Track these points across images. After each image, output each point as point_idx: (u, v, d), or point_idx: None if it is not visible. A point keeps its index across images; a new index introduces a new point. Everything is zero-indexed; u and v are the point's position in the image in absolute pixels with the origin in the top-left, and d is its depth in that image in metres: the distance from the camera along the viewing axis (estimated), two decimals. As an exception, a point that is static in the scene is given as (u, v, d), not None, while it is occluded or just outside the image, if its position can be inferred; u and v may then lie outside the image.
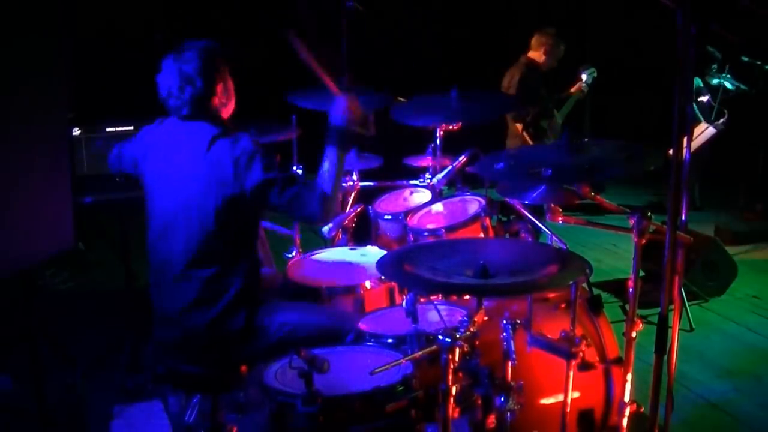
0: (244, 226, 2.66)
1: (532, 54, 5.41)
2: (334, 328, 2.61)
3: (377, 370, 1.96)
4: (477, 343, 2.15)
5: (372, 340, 2.44)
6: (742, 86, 5.66)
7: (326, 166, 2.63)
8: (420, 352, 2.04)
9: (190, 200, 2.57)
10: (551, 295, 2.75)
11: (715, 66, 5.85)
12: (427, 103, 3.55)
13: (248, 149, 2.55)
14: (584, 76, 5.31)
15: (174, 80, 2.59)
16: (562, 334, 2.30)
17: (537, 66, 5.35)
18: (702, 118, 5.40)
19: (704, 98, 5.73)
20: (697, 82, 5.94)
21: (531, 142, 5.20)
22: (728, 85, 5.59)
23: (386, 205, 3.63)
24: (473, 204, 3.30)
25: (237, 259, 2.62)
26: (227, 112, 2.73)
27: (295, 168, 3.64)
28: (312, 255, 3.27)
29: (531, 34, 5.53)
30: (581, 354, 2.26)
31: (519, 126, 5.24)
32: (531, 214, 3.01)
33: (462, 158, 3.43)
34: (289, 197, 2.55)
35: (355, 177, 3.75)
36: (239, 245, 2.65)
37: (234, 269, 2.60)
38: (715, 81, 5.67)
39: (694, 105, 5.64)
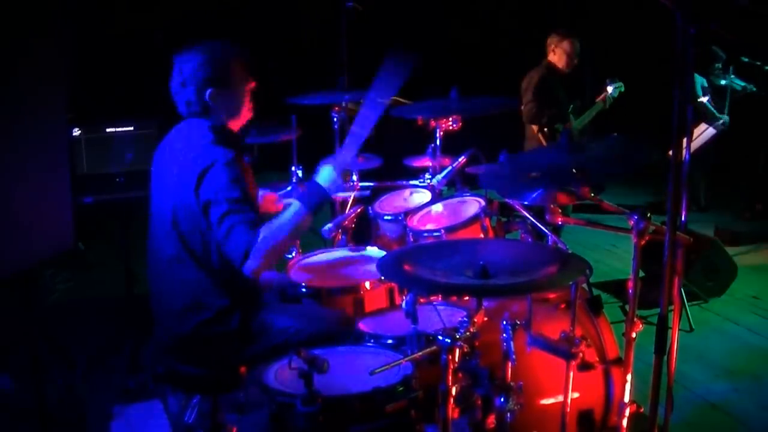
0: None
1: (551, 57, 5.40)
2: (335, 329, 2.61)
3: (377, 371, 1.96)
4: (477, 343, 2.15)
5: (372, 340, 2.44)
6: (750, 86, 5.63)
7: (284, 216, 2.46)
8: (420, 353, 2.04)
9: (173, 201, 2.53)
10: (551, 295, 2.75)
11: (719, 65, 5.83)
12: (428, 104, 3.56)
13: (219, 162, 2.44)
14: (610, 89, 5.24)
15: (176, 79, 2.59)
16: (562, 334, 2.30)
17: (557, 69, 5.35)
18: (716, 113, 5.40)
19: (704, 99, 5.73)
20: (702, 81, 5.94)
21: (546, 144, 5.19)
22: (735, 86, 5.57)
23: (386, 206, 3.62)
24: (473, 204, 3.30)
25: (223, 259, 2.53)
26: (233, 117, 2.65)
27: (294, 168, 3.64)
28: (312, 256, 3.27)
29: (542, 38, 5.51)
30: (581, 354, 2.26)
31: (535, 127, 5.24)
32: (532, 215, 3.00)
33: (462, 158, 3.42)
34: (227, 226, 2.39)
35: (355, 177, 3.75)
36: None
37: (220, 270, 2.54)
38: (722, 82, 5.65)
39: (706, 102, 5.64)
